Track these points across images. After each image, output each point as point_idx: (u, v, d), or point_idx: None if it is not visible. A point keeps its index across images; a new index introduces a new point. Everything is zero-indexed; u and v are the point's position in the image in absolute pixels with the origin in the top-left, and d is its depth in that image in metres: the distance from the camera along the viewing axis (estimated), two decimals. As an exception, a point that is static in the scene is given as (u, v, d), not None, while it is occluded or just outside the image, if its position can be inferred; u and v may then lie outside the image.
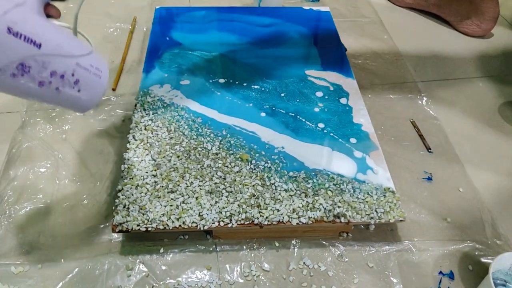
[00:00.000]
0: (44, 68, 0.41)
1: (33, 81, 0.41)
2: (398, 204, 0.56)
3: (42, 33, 0.40)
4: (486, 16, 0.93)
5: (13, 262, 0.53)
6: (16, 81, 0.40)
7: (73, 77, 0.44)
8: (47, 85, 0.42)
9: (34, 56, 0.40)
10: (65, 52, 0.43)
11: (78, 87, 0.45)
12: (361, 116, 0.67)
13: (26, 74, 0.40)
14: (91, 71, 0.47)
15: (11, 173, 0.63)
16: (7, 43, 0.37)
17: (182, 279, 0.53)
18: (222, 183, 0.56)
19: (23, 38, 0.38)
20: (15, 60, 0.38)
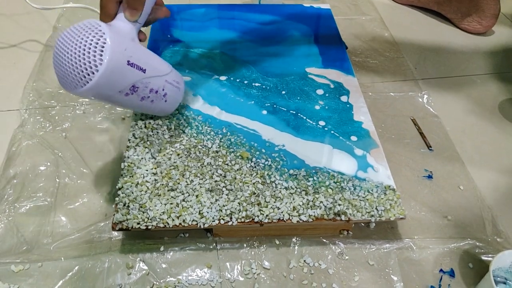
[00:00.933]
0: (146, 87, 0.53)
1: (138, 97, 0.53)
2: (398, 202, 0.56)
3: (145, 60, 0.51)
4: (486, 13, 0.93)
5: (13, 261, 0.53)
6: (127, 98, 0.51)
7: (163, 91, 0.56)
8: (146, 99, 0.54)
9: (141, 79, 0.51)
10: (159, 72, 0.54)
11: (165, 98, 0.57)
12: (361, 114, 0.67)
13: (135, 93, 0.51)
14: (174, 85, 0.58)
15: (11, 171, 0.63)
16: (126, 72, 0.48)
17: (183, 277, 0.53)
18: (222, 181, 0.56)
19: (135, 67, 0.49)
20: (130, 83, 0.50)
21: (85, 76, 0.46)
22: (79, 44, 0.46)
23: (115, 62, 0.46)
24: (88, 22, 0.47)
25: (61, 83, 0.49)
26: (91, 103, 0.75)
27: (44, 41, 0.87)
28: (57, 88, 0.77)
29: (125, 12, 0.51)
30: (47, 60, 0.83)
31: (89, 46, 0.45)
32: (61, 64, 0.47)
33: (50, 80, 0.78)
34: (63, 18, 0.94)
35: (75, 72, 0.46)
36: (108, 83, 0.47)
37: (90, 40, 0.46)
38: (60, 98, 0.75)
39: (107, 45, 0.45)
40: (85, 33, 0.46)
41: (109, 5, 0.50)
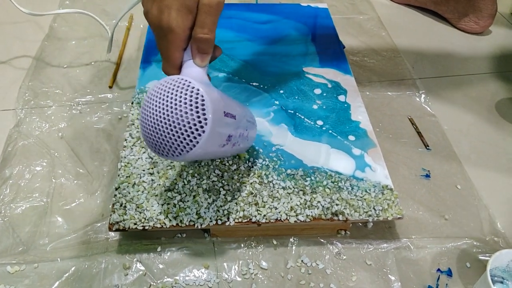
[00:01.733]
0: (237, 133, 0.49)
1: (231, 145, 0.48)
2: (396, 202, 0.56)
3: (232, 105, 0.48)
4: (483, 13, 0.93)
5: (9, 262, 0.53)
6: (223, 149, 0.47)
7: (246, 132, 0.52)
8: (236, 144, 0.50)
9: (234, 127, 0.48)
10: (243, 115, 0.51)
11: (247, 138, 0.54)
12: (359, 113, 0.67)
13: (229, 142, 0.47)
14: (252, 122, 0.56)
15: (6, 171, 0.63)
16: (224, 124, 0.44)
17: (180, 278, 0.52)
18: (219, 181, 0.56)
19: (229, 116, 0.46)
20: (227, 134, 0.46)
21: (192, 140, 0.41)
22: (176, 106, 0.41)
23: (216, 117, 0.42)
24: (173, 81, 0.42)
25: (157, 151, 0.44)
26: (87, 102, 0.74)
27: (40, 40, 0.87)
28: (53, 87, 0.77)
29: (196, 58, 0.46)
30: (43, 59, 0.82)
31: (189, 107, 0.40)
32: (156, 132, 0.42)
33: (46, 80, 0.78)
34: (59, 17, 0.93)
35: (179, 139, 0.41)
36: (212, 140, 0.43)
37: (187, 99, 0.41)
38: (56, 98, 0.74)
39: (206, 101, 0.41)
40: (177, 93, 0.41)
41: (176, 55, 0.45)
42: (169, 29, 0.43)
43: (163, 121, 0.41)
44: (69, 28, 0.91)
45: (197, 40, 0.45)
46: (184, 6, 0.43)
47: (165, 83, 0.43)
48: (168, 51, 0.45)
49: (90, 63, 0.82)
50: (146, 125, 0.43)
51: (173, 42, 0.44)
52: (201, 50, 0.46)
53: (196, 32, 0.44)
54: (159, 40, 0.46)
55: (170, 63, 0.46)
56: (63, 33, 0.89)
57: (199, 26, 0.44)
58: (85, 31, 0.90)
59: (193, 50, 0.46)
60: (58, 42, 0.87)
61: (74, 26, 0.91)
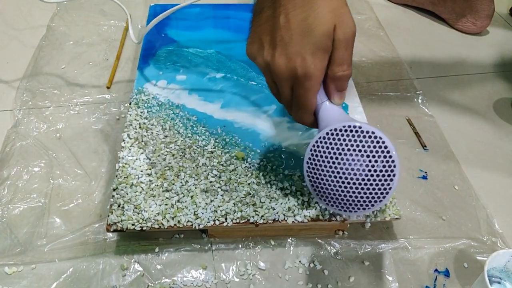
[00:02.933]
0: None
1: None
2: (393, 202, 0.56)
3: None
4: (481, 14, 0.93)
5: (7, 263, 0.53)
6: None
7: None
8: None
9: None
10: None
11: None
12: (357, 113, 0.67)
13: None
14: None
15: (4, 172, 0.62)
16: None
17: (178, 278, 0.52)
18: (217, 182, 0.56)
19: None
20: None
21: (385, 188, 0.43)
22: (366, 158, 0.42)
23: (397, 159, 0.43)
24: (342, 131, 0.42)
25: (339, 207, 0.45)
26: (85, 103, 0.74)
27: (37, 40, 0.87)
28: (51, 88, 0.76)
29: (334, 98, 0.44)
30: (40, 60, 0.82)
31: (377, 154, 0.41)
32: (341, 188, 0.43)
33: (44, 80, 0.78)
34: (57, 17, 0.93)
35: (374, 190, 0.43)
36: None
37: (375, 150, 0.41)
38: (54, 99, 0.74)
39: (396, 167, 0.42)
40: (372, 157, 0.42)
41: (314, 101, 0.43)
42: (307, 76, 0.40)
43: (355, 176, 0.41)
44: (67, 28, 0.90)
45: (337, 78, 0.42)
46: (319, 48, 0.40)
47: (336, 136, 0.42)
48: (306, 98, 0.42)
49: (88, 63, 0.82)
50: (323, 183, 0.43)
51: (311, 88, 0.41)
52: (339, 88, 0.43)
53: (336, 71, 0.42)
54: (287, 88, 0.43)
55: (307, 110, 0.44)
56: (61, 33, 0.89)
57: (338, 64, 0.41)
58: (83, 31, 0.90)
59: (331, 90, 0.44)
60: (56, 42, 0.87)
61: (72, 26, 0.91)
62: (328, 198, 0.45)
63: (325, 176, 0.43)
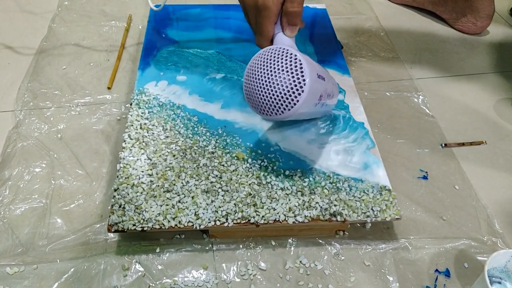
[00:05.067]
0: (325, 93, 0.54)
1: (320, 104, 0.54)
2: (394, 202, 0.56)
3: (320, 68, 0.53)
4: (481, 14, 0.93)
5: (8, 263, 0.53)
6: (315, 109, 0.54)
7: (332, 93, 0.58)
8: (324, 105, 0.56)
9: (324, 87, 0.53)
10: (329, 76, 0.57)
11: (333, 98, 0.59)
12: (357, 113, 0.67)
13: (320, 101, 0.53)
14: (334, 83, 0.60)
15: (6, 173, 0.63)
16: (318, 85, 0.50)
17: (179, 279, 0.53)
18: (218, 182, 0.56)
19: (320, 77, 0.51)
20: (319, 94, 0.52)
21: (293, 99, 0.48)
22: (279, 71, 0.48)
23: (312, 79, 0.48)
24: (273, 50, 0.49)
25: (260, 111, 0.50)
26: (86, 104, 0.74)
27: (38, 41, 0.87)
28: (52, 89, 0.77)
29: (286, 30, 0.53)
30: (41, 60, 0.83)
31: (290, 71, 0.47)
32: (261, 94, 0.49)
33: (45, 81, 0.78)
34: (58, 18, 0.93)
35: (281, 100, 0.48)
36: (308, 100, 0.49)
37: (288, 65, 0.48)
38: (55, 99, 0.74)
39: (304, 66, 0.47)
40: (279, 60, 0.48)
41: (269, 29, 0.53)
42: (265, 7, 0.51)
43: (268, 85, 0.48)
44: (68, 29, 0.91)
45: (288, 14, 0.51)
46: None
47: (267, 52, 0.49)
48: (263, 26, 0.52)
49: (89, 64, 0.82)
50: (250, 89, 0.50)
51: (267, 17, 0.52)
52: (291, 22, 0.52)
53: (288, 7, 0.51)
54: (253, 17, 0.54)
55: (264, 36, 0.53)
56: (62, 34, 0.89)
57: (290, 1, 0.51)
58: (84, 32, 0.90)
59: (284, 23, 0.52)
60: (56, 43, 0.87)
61: (73, 27, 0.91)
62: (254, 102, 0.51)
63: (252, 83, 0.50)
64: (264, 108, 0.50)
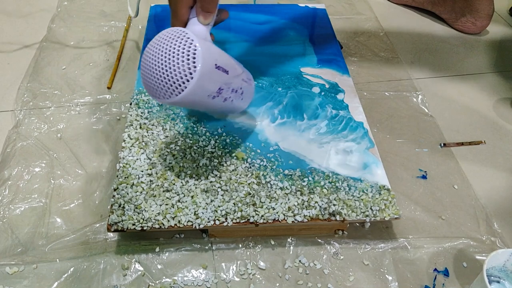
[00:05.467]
0: (229, 88, 0.53)
1: (222, 99, 0.52)
2: (393, 202, 0.56)
3: (226, 61, 0.52)
4: (481, 14, 0.93)
5: (8, 263, 0.53)
6: (213, 101, 0.51)
7: (241, 90, 0.56)
8: (228, 99, 0.54)
9: (226, 81, 0.51)
10: (238, 72, 0.55)
11: (242, 96, 0.57)
12: (356, 113, 0.67)
13: (220, 95, 0.51)
14: (248, 82, 0.59)
15: (5, 172, 0.63)
16: (215, 76, 0.49)
17: (178, 278, 0.53)
18: (217, 182, 0.56)
19: (221, 69, 0.50)
20: (217, 87, 0.50)
21: (180, 84, 0.45)
22: (171, 53, 0.45)
23: (206, 67, 0.46)
24: (172, 31, 0.47)
25: (151, 93, 0.48)
26: (86, 103, 0.74)
27: (38, 41, 0.87)
28: (52, 89, 0.77)
29: (199, 16, 0.51)
30: (41, 60, 0.83)
31: (181, 54, 0.45)
32: (151, 76, 0.47)
33: (44, 81, 0.78)
34: (58, 18, 0.93)
35: (169, 83, 0.46)
36: (201, 88, 0.47)
37: (181, 48, 0.45)
38: (54, 99, 0.75)
39: (198, 51, 0.45)
40: (174, 42, 0.46)
41: (183, 11, 0.51)
42: None
43: (160, 66, 0.46)
44: (67, 29, 0.91)
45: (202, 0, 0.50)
46: None
47: (166, 33, 0.47)
48: (177, 7, 0.51)
49: (89, 64, 0.83)
50: (145, 69, 0.48)
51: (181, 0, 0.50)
52: (204, 9, 0.51)
53: None
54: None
55: (177, 18, 0.51)
56: (62, 34, 0.89)
57: None
58: (83, 32, 0.90)
59: (197, 8, 0.51)
60: (56, 43, 0.87)
61: (73, 27, 0.91)
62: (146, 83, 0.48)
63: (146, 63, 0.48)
64: (154, 91, 0.48)
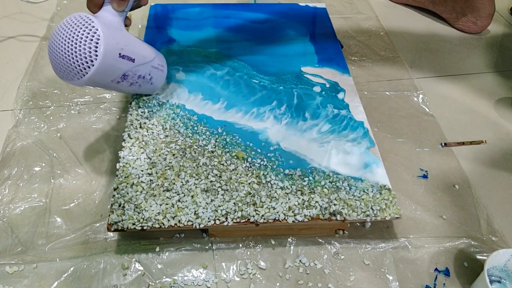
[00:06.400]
0: (135, 75, 0.57)
1: (127, 83, 0.57)
2: (394, 202, 0.56)
3: (133, 50, 0.55)
4: (482, 13, 0.93)
5: (8, 262, 0.53)
6: (118, 85, 0.56)
7: (149, 76, 0.60)
8: (135, 84, 0.58)
9: (131, 68, 0.55)
10: (146, 60, 0.58)
11: (151, 81, 0.62)
12: (357, 113, 0.67)
13: (125, 80, 0.56)
14: (159, 68, 0.62)
15: (5, 172, 0.63)
16: (118, 64, 0.52)
17: (178, 278, 0.53)
18: (218, 181, 0.56)
19: (126, 58, 0.53)
20: (121, 73, 0.54)
21: (82, 70, 0.49)
22: (74, 39, 0.49)
23: (108, 55, 0.50)
24: (79, 16, 0.50)
25: (57, 74, 0.52)
26: (86, 103, 0.74)
27: (38, 40, 0.87)
28: (52, 88, 0.77)
29: (113, 3, 0.54)
30: (41, 60, 0.82)
31: (84, 41, 0.49)
32: (57, 58, 0.50)
33: (44, 80, 0.78)
34: (57, 17, 0.93)
35: (72, 66, 0.49)
36: (102, 74, 0.51)
37: (85, 35, 0.49)
38: (54, 98, 0.74)
39: (101, 40, 0.49)
40: (78, 28, 0.49)
41: None
42: None
43: (64, 49, 0.49)
44: (67, 28, 0.90)
45: None
46: None
47: (73, 18, 0.50)
48: None
49: (89, 63, 0.82)
50: (52, 51, 0.51)
51: None
52: None
53: None
54: None
55: (92, 1, 0.53)
56: (62, 33, 0.89)
57: None
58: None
59: None
60: (56, 42, 0.87)
61: (73, 26, 0.91)
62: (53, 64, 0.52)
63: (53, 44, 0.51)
64: (59, 72, 0.51)
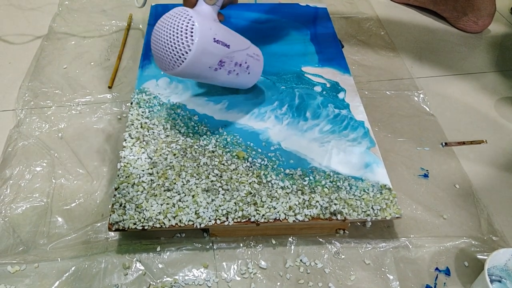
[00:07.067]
0: (231, 61, 0.59)
1: (225, 71, 0.59)
2: (394, 201, 0.56)
3: (228, 36, 0.57)
4: (482, 13, 0.93)
5: (10, 262, 0.53)
6: (216, 73, 0.58)
7: (246, 64, 0.62)
8: (232, 72, 0.60)
9: (227, 54, 0.57)
10: (241, 47, 0.60)
11: (248, 70, 0.63)
12: (357, 112, 0.67)
13: (222, 67, 0.57)
14: (255, 57, 0.64)
15: (6, 172, 0.63)
16: (213, 49, 0.54)
17: (179, 277, 0.53)
18: (218, 181, 0.56)
19: (221, 43, 0.55)
20: (218, 59, 0.56)
21: (180, 56, 0.52)
22: (172, 29, 0.52)
23: (203, 41, 0.52)
24: (177, 10, 0.54)
25: (159, 66, 0.56)
26: (87, 103, 0.74)
27: (39, 41, 0.87)
28: (53, 88, 0.77)
29: None
30: (42, 60, 0.83)
31: (180, 30, 0.52)
32: (158, 49, 0.54)
33: (45, 80, 0.78)
34: (59, 18, 0.93)
35: (171, 55, 0.53)
36: (200, 60, 0.53)
37: (181, 24, 0.52)
38: (55, 99, 0.75)
39: (196, 27, 0.52)
40: (175, 19, 0.53)
41: None
42: None
43: (163, 41, 0.53)
44: (68, 28, 0.91)
45: None
46: None
47: (172, 12, 0.54)
48: None
49: (90, 63, 0.83)
50: (154, 44, 0.55)
51: None
52: None
53: None
54: None
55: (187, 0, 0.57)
56: (63, 33, 0.89)
57: None
58: (84, 31, 0.90)
59: None
60: (57, 43, 0.87)
61: (74, 27, 0.91)
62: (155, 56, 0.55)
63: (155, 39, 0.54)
64: (160, 63, 0.55)
